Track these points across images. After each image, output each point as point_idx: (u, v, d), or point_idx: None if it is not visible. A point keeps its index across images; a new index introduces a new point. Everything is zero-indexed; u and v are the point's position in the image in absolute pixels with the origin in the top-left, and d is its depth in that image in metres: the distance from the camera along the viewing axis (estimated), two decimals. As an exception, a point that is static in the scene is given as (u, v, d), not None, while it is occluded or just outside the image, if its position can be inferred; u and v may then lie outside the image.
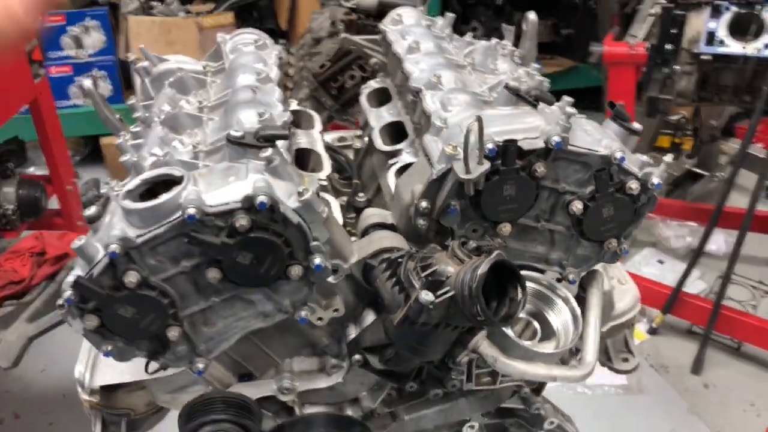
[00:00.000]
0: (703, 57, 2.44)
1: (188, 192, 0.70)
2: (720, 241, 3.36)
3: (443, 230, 0.84)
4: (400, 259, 0.79)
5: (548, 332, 0.89)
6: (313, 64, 1.79)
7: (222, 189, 0.72)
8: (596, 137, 0.83)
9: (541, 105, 0.85)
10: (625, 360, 1.28)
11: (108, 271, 0.71)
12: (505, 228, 0.83)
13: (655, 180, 0.84)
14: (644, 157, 0.87)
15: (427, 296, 0.72)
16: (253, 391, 0.86)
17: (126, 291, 0.71)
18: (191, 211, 0.68)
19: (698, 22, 2.48)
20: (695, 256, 2.72)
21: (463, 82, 1.02)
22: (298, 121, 1.21)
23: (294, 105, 1.24)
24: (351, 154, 1.34)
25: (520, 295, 0.74)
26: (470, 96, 0.95)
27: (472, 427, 1.02)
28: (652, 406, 2.61)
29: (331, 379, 0.87)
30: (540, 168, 0.79)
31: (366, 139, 1.24)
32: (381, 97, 1.25)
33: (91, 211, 0.74)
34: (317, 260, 0.75)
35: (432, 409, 0.94)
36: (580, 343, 0.89)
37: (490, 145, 0.77)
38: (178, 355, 0.80)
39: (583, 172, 0.83)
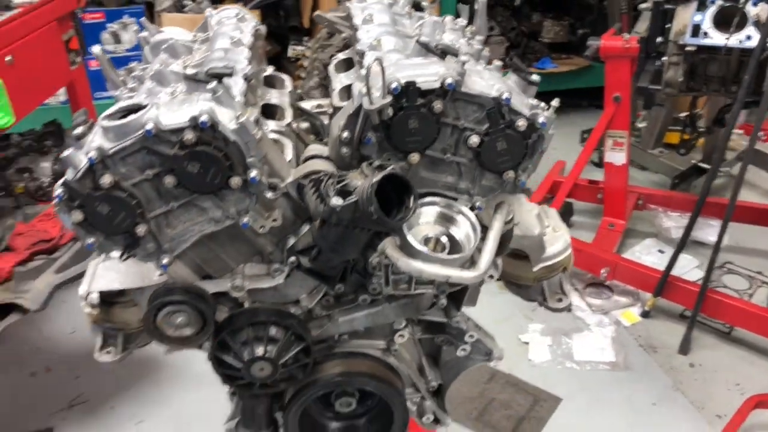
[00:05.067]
0: (688, 48, 2.57)
1: (149, 114, 0.91)
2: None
3: (364, 158, 1.02)
4: (323, 178, 0.98)
5: (457, 248, 1.06)
6: (324, 55, 1.98)
7: (176, 111, 0.92)
8: (490, 83, 1.01)
9: (448, 57, 1.03)
10: (560, 300, 1.44)
11: (88, 174, 0.91)
12: (414, 157, 1.01)
13: (541, 119, 1.01)
14: (535, 101, 1.04)
15: (336, 201, 0.91)
16: (210, 286, 1.06)
17: (102, 191, 0.92)
18: (149, 126, 0.89)
19: (685, 16, 2.61)
20: (683, 239, 2.83)
21: (402, 46, 1.20)
22: (273, 82, 1.41)
23: (270, 70, 1.45)
24: (326, 120, 1.53)
25: (411, 203, 0.92)
26: (402, 55, 1.14)
27: (402, 336, 1.20)
28: (636, 381, 2.74)
29: (274, 280, 1.07)
30: (438, 105, 0.97)
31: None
32: (347, 66, 1.44)
33: (79, 130, 0.95)
34: (253, 173, 0.94)
35: (361, 312, 1.12)
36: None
37: (394, 85, 0.95)
38: (147, 251, 1.00)
39: (479, 111, 1.01)
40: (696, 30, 2.54)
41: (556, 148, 4.49)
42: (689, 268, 3.32)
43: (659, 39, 2.73)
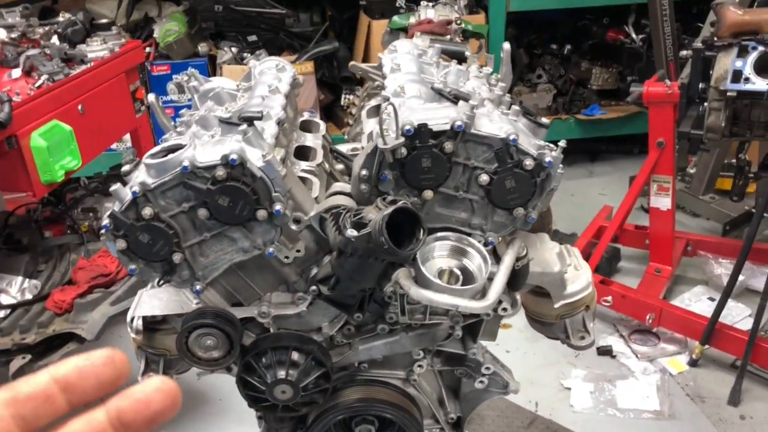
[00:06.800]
0: (729, 94, 2.56)
1: (186, 153, 1.02)
2: (770, 279, 3.33)
3: (382, 195, 1.10)
4: (342, 212, 1.06)
5: (470, 280, 1.11)
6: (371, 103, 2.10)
7: (210, 151, 1.02)
8: (499, 125, 1.08)
9: (460, 101, 1.11)
10: (582, 338, 1.46)
11: (132, 206, 1.03)
12: (428, 194, 1.09)
13: (548, 159, 1.07)
14: (542, 143, 1.10)
15: (351, 232, 0.99)
16: (239, 312, 1.14)
17: (143, 222, 1.03)
18: (186, 163, 1.00)
19: (726, 62, 2.62)
20: (729, 284, 2.77)
21: (425, 93, 1.29)
22: (309, 127, 1.52)
23: (307, 116, 1.56)
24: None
25: (421, 236, 0.99)
26: (422, 101, 1.22)
27: (420, 366, 1.25)
28: (681, 431, 2.65)
29: (298, 307, 1.14)
30: (448, 146, 1.05)
31: (366, 145, 1.52)
32: (378, 112, 1.53)
33: (126, 168, 1.07)
34: (277, 206, 1.03)
35: (380, 341, 1.19)
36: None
37: (407, 126, 1.04)
38: (182, 278, 1.10)
39: (489, 151, 1.08)
40: (737, 76, 2.54)
41: (605, 194, 4.47)
42: (741, 317, 3.23)
43: (701, 85, 2.74)
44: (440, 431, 1.34)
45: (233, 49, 4.29)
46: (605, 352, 3.07)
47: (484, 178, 1.08)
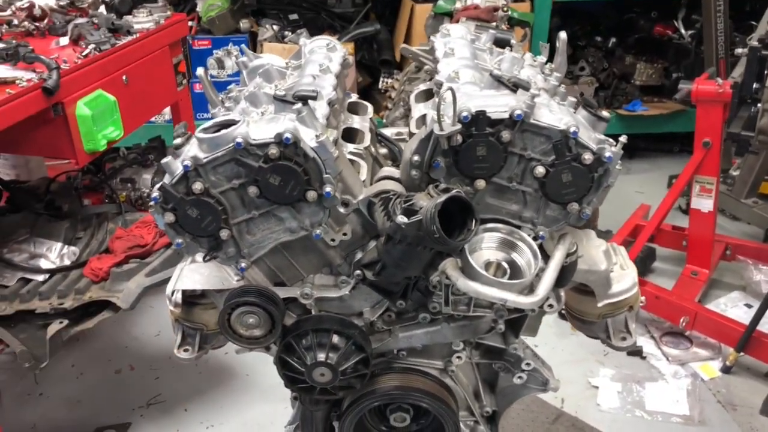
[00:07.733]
0: (784, 95, 2.48)
1: (240, 129, 1.01)
2: (813, 288, 3.24)
3: (432, 182, 1.08)
4: (391, 197, 1.04)
5: (517, 274, 1.09)
6: (410, 88, 2.07)
7: (264, 128, 1.01)
8: (558, 116, 1.05)
9: (520, 90, 1.08)
10: (624, 339, 1.43)
11: (182, 180, 1.02)
12: (480, 183, 1.06)
13: (607, 154, 1.03)
14: (602, 137, 1.06)
15: (402, 219, 0.97)
16: (282, 292, 1.14)
17: (193, 196, 1.02)
18: (239, 140, 0.99)
19: (783, 62, 2.53)
20: (770, 293, 2.69)
21: (480, 79, 1.26)
22: (356, 109, 1.50)
23: (354, 97, 1.55)
24: (404, 146, 1.61)
25: (473, 226, 0.97)
26: (478, 87, 1.19)
27: (459, 357, 1.23)
28: (711, 438, 2.60)
29: (341, 291, 1.13)
30: (506, 135, 1.02)
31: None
32: (427, 97, 1.51)
33: (178, 141, 1.07)
34: (328, 188, 1.02)
35: (420, 330, 1.17)
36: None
37: (465, 113, 1.01)
38: (228, 255, 1.10)
39: (547, 143, 1.05)
40: (794, 77, 2.46)
41: (642, 192, 4.38)
42: (781, 326, 3.14)
43: (755, 85, 2.65)
44: (474, 423, 1.33)
45: (274, 27, 4.27)
46: (635, 352, 3.02)
47: (540, 170, 1.05)
